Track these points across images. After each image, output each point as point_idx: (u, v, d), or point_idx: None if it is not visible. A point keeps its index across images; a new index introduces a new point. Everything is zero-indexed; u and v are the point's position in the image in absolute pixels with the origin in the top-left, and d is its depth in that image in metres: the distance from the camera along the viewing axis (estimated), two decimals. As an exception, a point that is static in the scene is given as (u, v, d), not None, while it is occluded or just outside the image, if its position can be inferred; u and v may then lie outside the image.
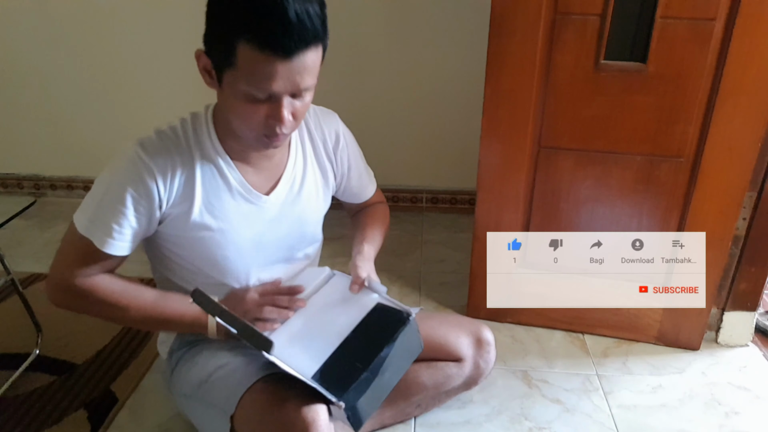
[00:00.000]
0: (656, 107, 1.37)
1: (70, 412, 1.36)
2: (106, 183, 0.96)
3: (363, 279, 1.06)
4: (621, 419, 1.36)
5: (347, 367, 0.93)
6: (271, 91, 0.85)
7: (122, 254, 0.98)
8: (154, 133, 0.98)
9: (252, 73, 0.84)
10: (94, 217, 0.95)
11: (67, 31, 2.23)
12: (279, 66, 0.83)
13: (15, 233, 2.24)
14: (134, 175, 0.94)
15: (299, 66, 0.84)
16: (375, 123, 2.23)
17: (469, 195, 2.35)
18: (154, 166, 0.94)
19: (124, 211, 0.94)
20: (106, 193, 0.95)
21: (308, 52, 0.84)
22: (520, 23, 1.36)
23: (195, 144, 0.99)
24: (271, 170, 1.06)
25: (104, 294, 0.99)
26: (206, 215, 1.00)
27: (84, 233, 0.95)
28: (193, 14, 2.35)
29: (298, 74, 0.85)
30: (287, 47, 0.81)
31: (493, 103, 1.45)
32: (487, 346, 1.24)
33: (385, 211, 1.31)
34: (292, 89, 0.87)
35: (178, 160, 0.97)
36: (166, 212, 0.98)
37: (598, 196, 1.49)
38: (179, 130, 0.99)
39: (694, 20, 1.28)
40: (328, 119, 1.15)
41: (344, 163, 1.18)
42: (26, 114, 2.40)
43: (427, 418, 1.34)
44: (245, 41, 0.81)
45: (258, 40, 0.81)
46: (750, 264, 1.51)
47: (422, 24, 2.10)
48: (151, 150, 0.95)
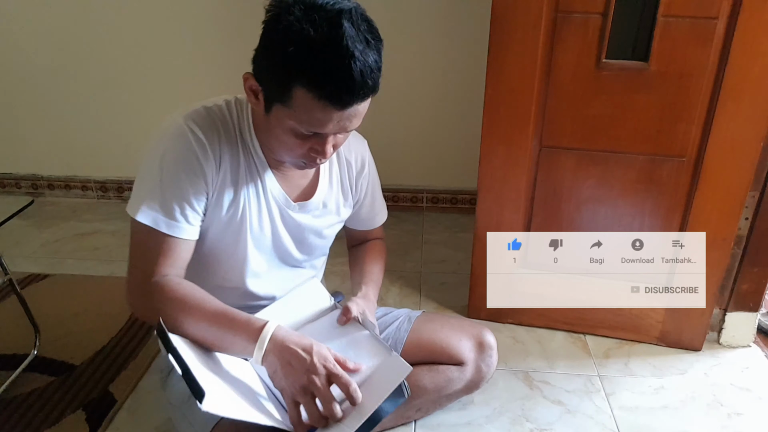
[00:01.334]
0: (658, 106, 1.36)
1: (68, 412, 1.35)
2: (158, 163, 0.91)
3: (353, 315, 1.03)
4: (623, 420, 1.35)
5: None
6: (322, 133, 0.86)
7: (191, 237, 0.94)
8: (202, 108, 0.94)
9: (304, 117, 0.83)
10: (157, 205, 0.90)
11: (65, 31, 2.23)
12: (334, 115, 0.83)
13: (13, 233, 2.23)
14: (189, 151, 0.90)
15: (352, 114, 0.85)
16: (375, 123, 2.21)
17: (470, 195, 2.34)
18: (205, 139, 0.91)
19: (184, 191, 0.91)
20: (163, 175, 0.90)
21: (364, 102, 0.85)
22: (521, 22, 1.35)
23: (239, 132, 0.97)
24: (299, 178, 1.06)
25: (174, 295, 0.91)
26: (246, 205, 0.99)
27: (149, 223, 0.90)
28: (193, 14, 2.35)
29: (349, 121, 0.86)
30: (346, 102, 0.82)
31: (494, 102, 1.44)
32: (489, 350, 1.23)
33: (383, 249, 1.31)
34: (340, 131, 0.88)
35: (225, 141, 0.95)
36: (215, 191, 0.95)
37: (600, 195, 1.48)
38: (225, 111, 0.96)
39: (696, 19, 1.27)
40: (358, 145, 1.16)
41: (362, 191, 1.19)
42: (24, 113, 2.40)
43: (428, 419, 1.34)
44: (304, 86, 0.80)
45: (318, 90, 0.79)
46: (752, 264, 1.50)
47: (422, 24, 2.09)
48: (201, 123, 0.92)
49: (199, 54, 2.19)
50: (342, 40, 0.77)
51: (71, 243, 2.15)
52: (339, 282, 1.79)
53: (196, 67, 2.21)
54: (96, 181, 2.48)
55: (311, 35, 0.77)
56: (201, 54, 2.19)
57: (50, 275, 1.91)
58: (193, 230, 0.94)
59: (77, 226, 2.27)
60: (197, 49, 2.19)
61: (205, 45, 2.16)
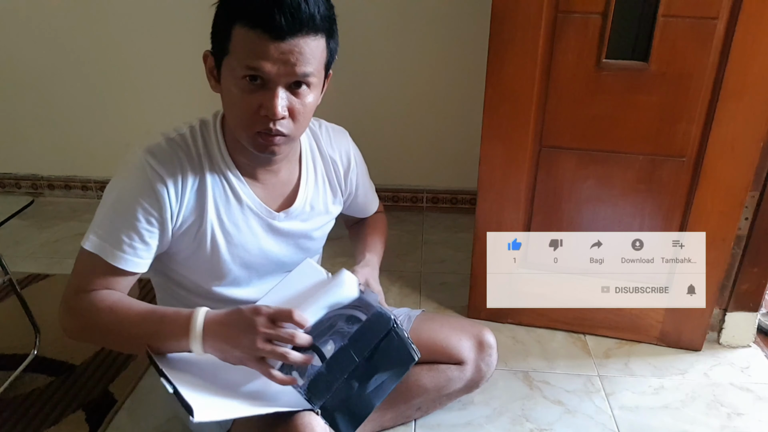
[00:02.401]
0: (658, 106, 1.36)
1: (68, 412, 1.35)
2: (114, 196, 0.92)
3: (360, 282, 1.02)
4: (623, 420, 1.35)
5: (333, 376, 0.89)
6: (263, 72, 0.83)
7: (135, 270, 0.93)
8: (163, 140, 0.93)
9: (244, 52, 0.82)
10: (105, 234, 0.90)
11: (65, 31, 2.23)
12: (270, 46, 0.81)
13: (13, 233, 2.23)
14: (144, 185, 0.90)
15: (293, 48, 0.82)
16: (375, 123, 2.23)
17: (470, 195, 2.34)
18: (164, 174, 0.90)
19: (135, 224, 0.90)
20: (115, 206, 0.91)
21: (304, 37, 0.82)
22: (521, 22, 1.35)
23: (204, 155, 0.96)
24: (280, 187, 1.04)
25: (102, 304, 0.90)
26: (216, 228, 0.97)
27: (94, 250, 0.90)
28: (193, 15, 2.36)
29: (292, 57, 0.82)
30: (279, 26, 0.80)
31: (493, 102, 1.44)
32: (489, 350, 1.23)
33: (383, 219, 1.30)
34: (287, 75, 0.84)
35: (189, 170, 0.93)
36: (177, 224, 0.94)
37: (600, 195, 1.48)
38: (188, 138, 0.95)
39: (696, 19, 1.27)
40: (340, 139, 1.13)
41: (353, 185, 1.17)
42: (24, 113, 2.39)
43: (428, 419, 1.34)
44: (239, 23, 0.82)
45: (250, 17, 0.80)
46: (752, 264, 1.50)
47: (422, 23, 2.09)
48: (161, 157, 0.91)
49: (199, 54, 2.19)
50: None
51: (71, 243, 2.15)
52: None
53: (196, 67, 2.20)
54: (96, 181, 2.48)
55: None
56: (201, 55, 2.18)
57: (50, 275, 1.91)
58: (139, 263, 0.92)
59: (77, 226, 2.27)
60: (197, 49, 2.18)
61: (205, 45, 2.16)
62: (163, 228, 0.93)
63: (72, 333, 0.93)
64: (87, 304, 0.90)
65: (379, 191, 1.27)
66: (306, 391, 0.87)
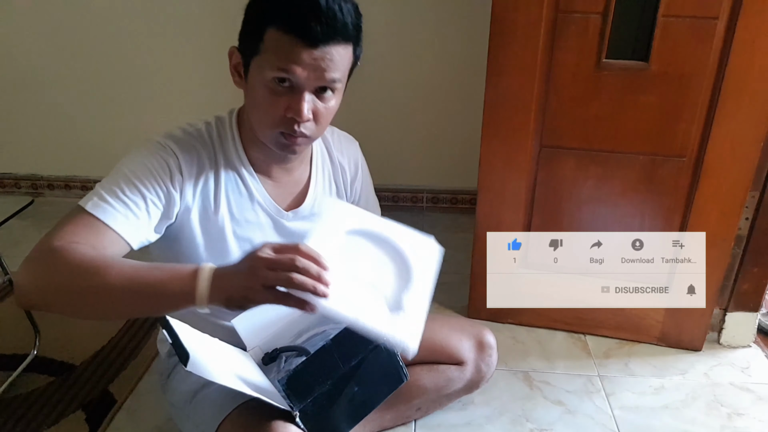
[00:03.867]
0: (658, 106, 1.36)
1: (68, 413, 1.35)
2: (125, 162, 0.88)
3: None
4: (623, 421, 1.35)
5: (314, 377, 0.88)
6: (294, 76, 0.83)
7: (125, 234, 0.83)
8: (180, 130, 0.95)
9: (276, 55, 0.83)
10: (106, 195, 0.83)
11: (65, 31, 2.22)
12: (303, 52, 0.82)
13: (12, 233, 2.23)
14: (160, 158, 0.89)
15: (324, 56, 0.83)
16: (375, 123, 2.22)
17: (470, 195, 2.34)
18: (180, 155, 0.91)
19: (141, 189, 0.85)
20: (124, 172, 0.86)
21: (336, 45, 0.83)
22: (522, 22, 1.35)
23: (219, 149, 0.97)
24: (291, 186, 1.05)
25: (76, 255, 0.75)
26: (227, 219, 0.98)
27: (88, 208, 0.82)
28: (194, 14, 2.35)
29: (323, 63, 0.83)
30: (314, 34, 0.80)
31: (494, 102, 1.44)
32: (489, 350, 1.23)
33: None
34: (316, 80, 0.85)
35: (205, 159, 0.94)
36: (185, 205, 0.92)
37: (600, 196, 1.48)
38: (204, 133, 0.96)
39: (697, 19, 1.27)
40: (349, 147, 1.15)
41: (357, 193, 1.18)
42: (24, 113, 2.39)
43: (428, 420, 1.33)
44: (273, 26, 0.82)
45: (285, 22, 0.81)
46: (753, 264, 1.50)
47: (422, 23, 2.09)
48: (178, 140, 0.92)
49: (199, 54, 2.19)
50: None
51: (71, 243, 2.15)
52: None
53: (196, 67, 2.21)
54: (96, 181, 2.42)
55: None
56: (201, 54, 2.18)
57: (50, 275, 1.91)
58: (132, 230, 0.83)
59: (77, 226, 2.27)
60: (198, 49, 2.18)
61: (205, 45, 2.16)
62: (168, 202, 0.90)
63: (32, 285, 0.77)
64: (63, 247, 0.76)
65: (379, 191, 1.27)
66: (285, 386, 0.86)
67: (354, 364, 0.90)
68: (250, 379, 0.88)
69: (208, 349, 0.88)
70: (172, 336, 0.79)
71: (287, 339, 1.03)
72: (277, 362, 0.99)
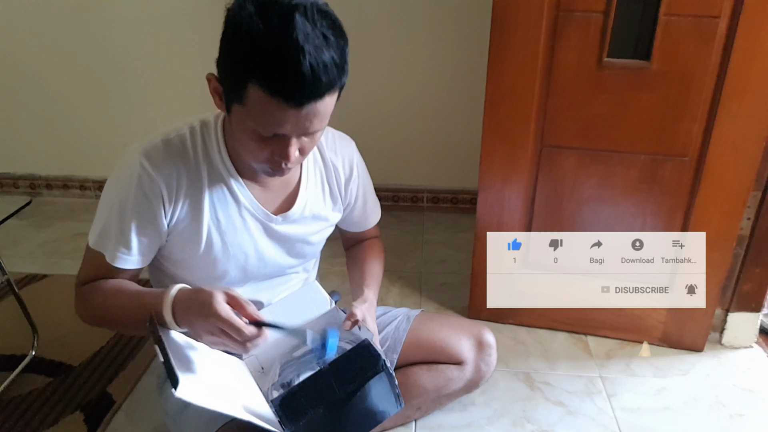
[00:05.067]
0: (660, 106, 1.35)
1: (66, 414, 1.34)
2: (111, 197, 0.94)
3: (358, 319, 1.01)
4: (624, 422, 1.34)
5: (308, 400, 0.89)
6: (279, 134, 0.83)
7: (133, 267, 0.97)
8: (161, 142, 0.93)
9: (260, 116, 0.80)
10: (103, 232, 0.95)
11: (63, 30, 2.22)
12: (289, 113, 0.79)
13: (10, 233, 2.23)
14: (137, 189, 0.91)
15: (310, 113, 0.80)
16: (375, 122, 2.22)
17: (471, 194, 2.33)
18: (158, 176, 0.91)
19: (130, 225, 0.93)
20: (112, 209, 0.93)
21: (323, 99, 0.80)
22: (522, 20, 1.34)
23: (203, 157, 0.95)
24: (280, 189, 1.04)
25: (94, 297, 0.97)
26: (213, 231, 0.97)
27: (95, 247, 0.96)
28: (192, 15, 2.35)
29: (308, 121, 0.81)
30: (298, 99, 0.78)
31: (494, 101, 1.43)
32: (489, 349, 1.23)
33: (380, 248, 1.29)
34: (301, 133, 0.84)
35: (184, 174, 0.94)
36: (172, 225, 0.96)
37: (602, 195, 1.48)
38: (188, 141, 0.95)
39: (698, 17, 1.27)
40: (344, 147, 1.12)
41: (353, 195, 1.16)
42: (22, 113, 2.39)
43: (428, 420, 1.33)
44: (256, 83, 0.77)
45: (269, 85, 0.76)
46: (754, 264, 1.50)
47: (422, 23, 2.09)
48: (157, 160, 0.91)
49: (197, 54, 2.17)
50: (292, 34, 0.73)
51: (69, 243, 2.14)
52: (338, 282, 1.78)
53: (194, 67, 2.19)
54: (94, 180, 2.47)
55: (261, 30, 0.74)
56: (200, 54, 2.17)
57: (48, 275, 1.90)
58: (136, 261, 0.97)
59: (75, 226, 2.26)
60: (197, 48, 2.17)
61: (204, 45, 2.15)
62: (156, 229, 0.95)
63: (85, 318, 0.99)
64: (92, 289, 0.97)
65: (379, 191, 1.26)
66: (279, 408, 0.86)
67: (350, 390, 0.89)
68: (242, 398, 0.88)
69: (202, 362, 0.87)
70: (164, 356, 0.78)
71: (284, 349, 1.03)
72: (272, 374, 0.99)
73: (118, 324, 1.02)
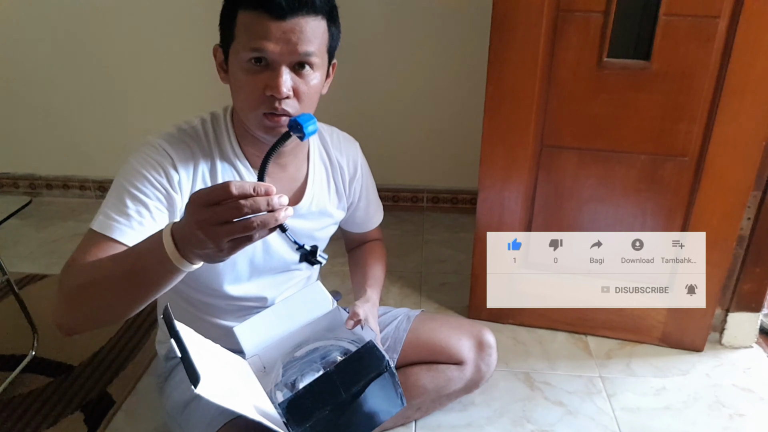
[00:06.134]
0: (660, 106, 1.35)
1: (66, 414, 1.34)
2: (123, 172, 0.90)
3: (360, 318, 1.02)
4: (624, 422, 1.34)
5: (314, 402, 0.88)
6: (267, 52, 0.84)
7: (127, 239, 0.85)
8: (175, 129, 0.96)
9: (248, 35, 0.85)
10: (110, 210, 0.86)
11: (63, 31, 2.22)
12: (272, 25, 0.83)
13: (10, 233, 2.23)
14: (155, 162, 0.90)
15: (294, 27, 0.84)
16: (375, 122, 2.22)
17: (471, 194, 2.33)
18: (175, 156, 0.91)
19: (142, 198, 0.87)
20: (124, 182, 0.88)
21: (306, 17, 0.84)
22: (522, 20, 1.34)
23: (215, 145, 0.97)
24: (287, 183, 1.04)
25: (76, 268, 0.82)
26: None
27: (97, 229, 0.85)
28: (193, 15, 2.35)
29: (294, 36, 0.84)
30: (279, 6, 0.82)
31: (494, 101, 1.43)
32: (489, 349, 1.23)
33: (382, 250, 1.30)
34: (289, 54, 0.85)
35: (200, 157, 0.95)
36: (185, 203, 0.91)
37: (602, 195, 1.48)
38: (199, 129, 0.97)
39: (698, 17, 1.27)
40: (349, 147, 1.14)
41: (356, 194, 1.17)
42: (22, 113, 2.39)
43: (428, 421, 1.33)
44: (243, 9, 0.84)
45: (253, 4, 0.83)
46: (754, 264, 1.50)
47: (422, 23, 2.08)
48: (172, 141, 0.93)
49: (198, 54, 2.18)
50: None
51: (69, 243, 2.14)
52: (339, 282, 1.78)
53: (195, 66, 2.20)
54: (94, 180, 2.47)
55: None
56: (200, 54, 2.17)
57: (48, 275, 1.90)
58: (136, 235, 0.85)
59: (75, 226, 2.26)
60: (197, 48, 2.17)
61: (204, 45, 2.15)
62: (170, 203, 0.91)
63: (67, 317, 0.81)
64: (74, 268, 0.82)
65: (380, 191, 1.27)
66: (285, 411, 0.86)
67: (355, 391, 0.90)
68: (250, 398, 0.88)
69: (211, 361, 0.87)
70: (183, 351, 0.76)
71: (286, 349, 1.03)
72: (274, 374, 0.99)
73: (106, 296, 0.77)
